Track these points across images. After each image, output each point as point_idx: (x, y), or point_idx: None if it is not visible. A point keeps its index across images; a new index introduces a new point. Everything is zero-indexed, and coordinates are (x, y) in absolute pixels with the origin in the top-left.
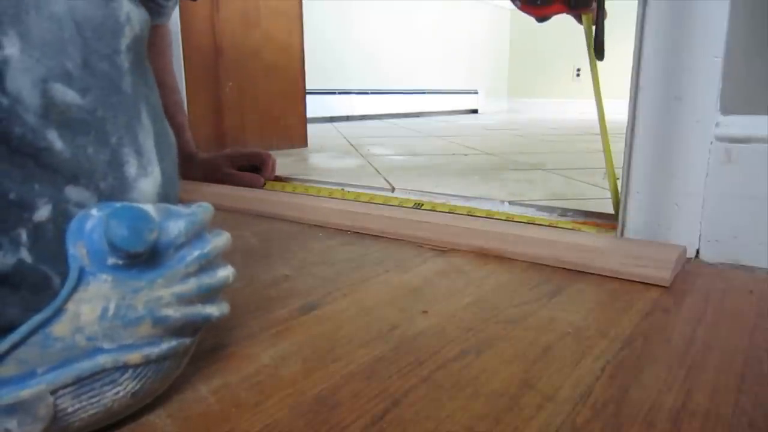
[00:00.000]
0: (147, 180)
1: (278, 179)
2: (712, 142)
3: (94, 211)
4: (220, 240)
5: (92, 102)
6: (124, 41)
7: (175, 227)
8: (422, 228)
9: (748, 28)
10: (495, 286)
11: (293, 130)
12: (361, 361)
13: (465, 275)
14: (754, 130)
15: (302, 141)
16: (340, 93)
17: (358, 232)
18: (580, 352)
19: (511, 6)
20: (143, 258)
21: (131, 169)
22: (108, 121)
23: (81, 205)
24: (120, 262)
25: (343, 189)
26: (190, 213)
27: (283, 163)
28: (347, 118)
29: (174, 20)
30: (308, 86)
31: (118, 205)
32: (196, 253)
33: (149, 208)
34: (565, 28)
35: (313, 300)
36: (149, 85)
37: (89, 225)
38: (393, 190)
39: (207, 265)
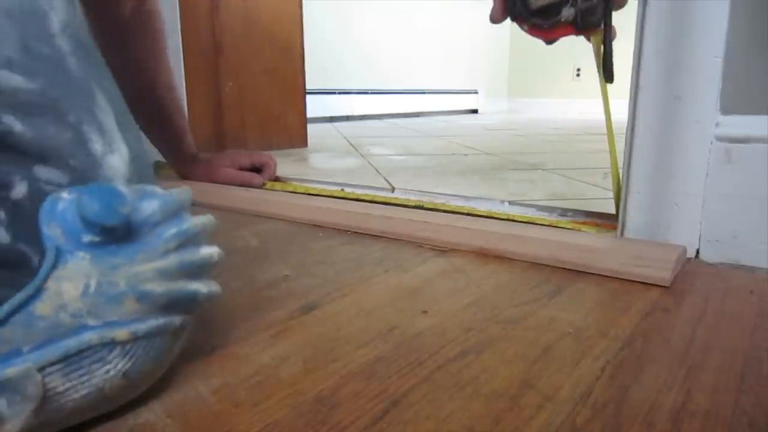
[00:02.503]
0: (114, 156)
1: (278, 179)
2: (712, 142)
3: (64, 194)
4: (200, 219)
5: (42, 84)
6: (54, 25)
7: (149, 206)
8: (422, 228)
9: (748, 28)
10: (495, 286)
11: (293, 130)
12: (361, 361)
13: (465, 275)
14: (754, 130)
15: (302, 141)
16: (340, 93)
17: (357, 232)
18: (580, 352)
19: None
20: (119, 234)
21: (96, 146)
22: (62, 100)
23: (53, 183)
24: (96, 238)
25: (343, 189)
26: (164, 193)
27: (283, 163)
28: (347, 118)
29: (174, 20)
30: (308, 86)
31: (88, 186)
32: (173, 230)
33: (121, 186)
34: None
35: (313, 300)
36: (101, 70)
37: (61, 206)
38: (393, 190)
39: (187, 242)
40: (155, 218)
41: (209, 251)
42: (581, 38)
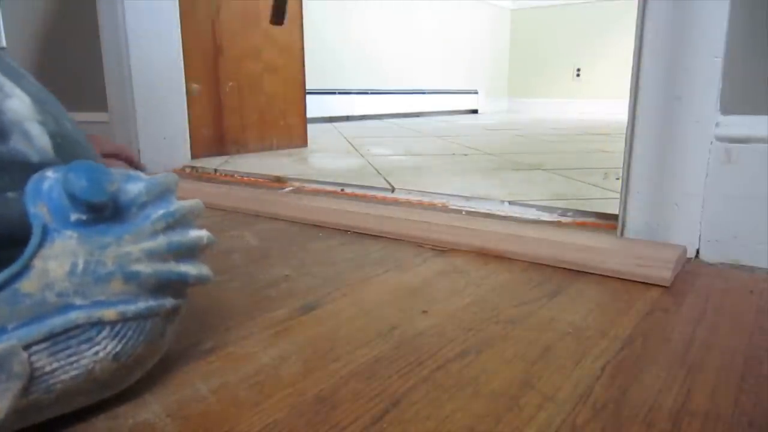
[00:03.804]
0: (14, 101)
1: (278, 179)
2: (712, 142)
3: (49, 173)
4: (188, 202)
5: None
6: None
7: (135, 188)
8: (422, 228)
9: (748, 28)
10: (495, 286)
11: (293, 130)
12: (361, 361)
13: (465, 275)
14: (754, 130)
15: (302, 141)
16: (339, 93)
17: (358, 232)
18: (580, 352)
19: (512, 6)
20: (107, 213)
21: None
22: None
23: None
24: (83, 217)
25: (343, 189)
26: (150, 177)
27: (283, 163)
28: (347, 118)
29: (174, 20)
30: (308, 86)
31: (74, 164)
32: (161, 211)
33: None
34: (566, 28)
35: (313, 300)
36: None
37: (46, 185)
38: (393, 190)
39: (175, 224)
40: (141, 199)
41: (198, 233)
42: (582, 39)
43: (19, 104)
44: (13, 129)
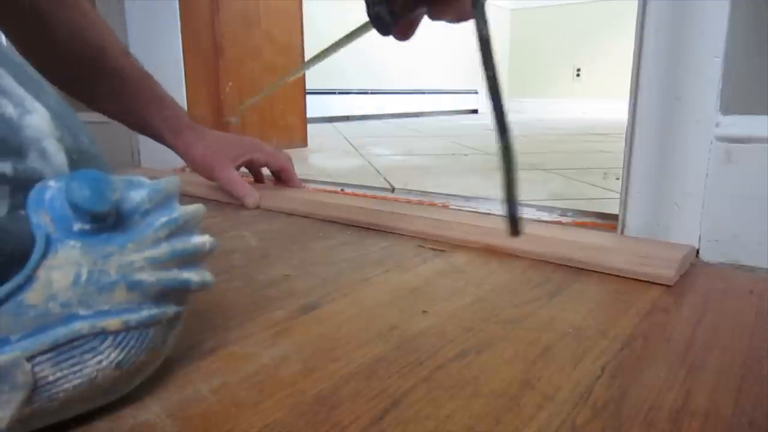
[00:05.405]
0: (33, 116)
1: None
2: (712, 142)
3: (51, 183)
4: (190, 207)
5: None
6: None
7: (138, 195)
8: (423, 224)
9: (748, 28)
10: (495, 286)
11: (293, 130)
12: (361, 361)
13: (465, 275)
14: (754, 130)
15: (302, 141)
16: (339, 93)
17: (359, 226)
18: (580, 352)
19: (512, 6)
20: (109, 222)
21: (8, 109)
22: None
23: None
24: (86, 226)
25: (343, 189)
26: (152, 183)
27: None
28: (347, 118)
29: (174, 20)
30: (308, 86)
31: (76, 173)
32: (164, 218)
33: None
34: (566, 28)
35: (313, 300)
36: None
37: (48, 195)
38: (393, 190)
39: (178, 230)
40: (144, 207)
41: (201, 240)
42: (582, 39)
43: (39, 120)
44: (31, 146)
